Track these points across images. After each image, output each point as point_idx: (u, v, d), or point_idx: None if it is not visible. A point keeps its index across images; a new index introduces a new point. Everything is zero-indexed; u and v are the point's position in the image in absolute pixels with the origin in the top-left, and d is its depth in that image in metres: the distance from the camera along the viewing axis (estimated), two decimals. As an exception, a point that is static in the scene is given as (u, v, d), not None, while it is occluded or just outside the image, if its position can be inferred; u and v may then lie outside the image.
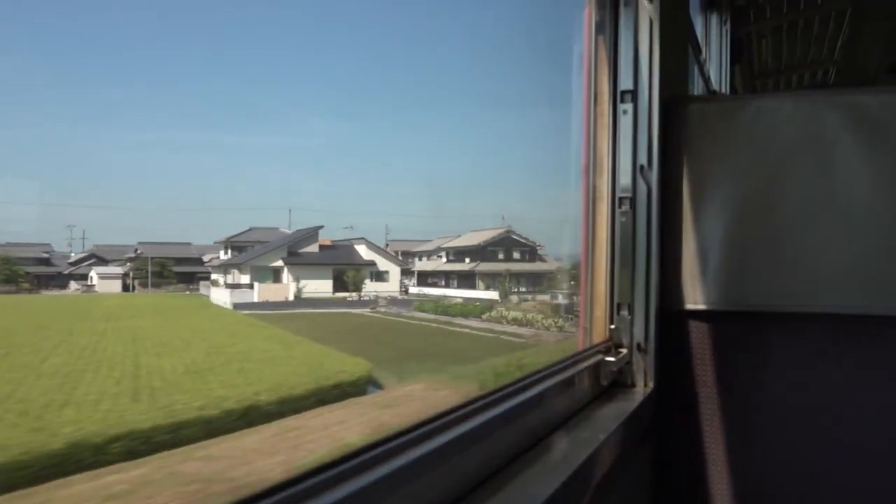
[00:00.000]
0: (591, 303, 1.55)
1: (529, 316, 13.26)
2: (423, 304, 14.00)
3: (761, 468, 1.49)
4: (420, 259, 20.61)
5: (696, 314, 1.53)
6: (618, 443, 1.18)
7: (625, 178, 1.52)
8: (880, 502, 1.42)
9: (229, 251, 12.42)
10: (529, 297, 17.91)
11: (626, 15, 1.52)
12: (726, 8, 4.01)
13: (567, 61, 1.70)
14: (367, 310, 12.49)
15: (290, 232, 13.20)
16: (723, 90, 3.92)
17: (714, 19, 3.94)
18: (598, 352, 1.44)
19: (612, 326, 1.51)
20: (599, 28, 1.55)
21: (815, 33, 4.76)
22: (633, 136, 1.51)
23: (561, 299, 15.73)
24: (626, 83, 1.52)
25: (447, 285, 19.79)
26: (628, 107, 1.51)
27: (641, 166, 1.50)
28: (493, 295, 17.80)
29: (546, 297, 17.21)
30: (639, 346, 1.50)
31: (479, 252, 20.64)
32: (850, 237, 1.42)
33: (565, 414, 1.21)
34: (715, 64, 3.91)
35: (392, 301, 13.65)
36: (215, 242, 12.87)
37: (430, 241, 21.27)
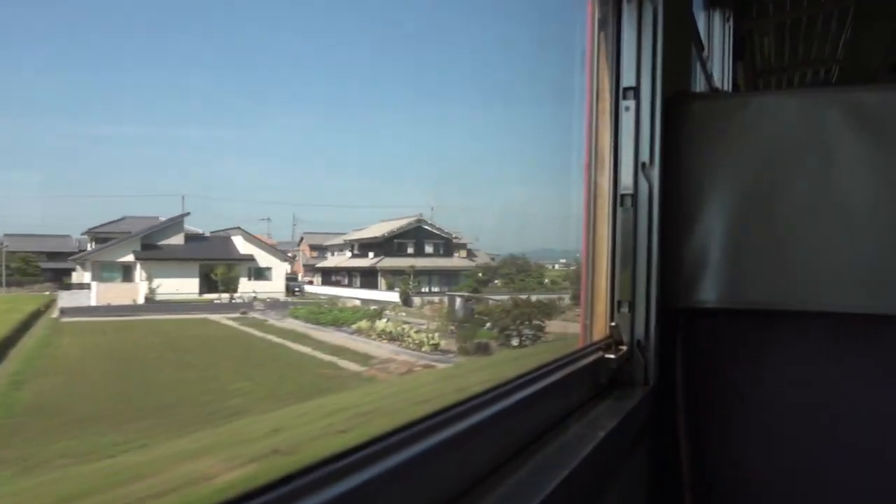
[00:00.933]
0: (591, 299, 1.55)
1: (402, 329, 10.92)
2: (297, 309, 11.60)
3: (761, 466, 1.49)
4: (333, 254, 17.55)
5: (696, 312, 1.53)
6: (617, 440, 1.18)
7: (626, 176, 1.52)
8: (878, 501, 1.42)
9: (94, 243, 10.15)
10: (437, 299, 14.99)
11: (628, 11, 1.51)
12: (729, 5, 4.00)
13: (570, 58, 1.70)
14: (236, 315, 10.06)
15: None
16: (725, 87, 3.91)
17: (717, 16, 3.93)
18: (599, 349, 1.44)
19: (613, 323, 1.51)
20: (602, 24, 1.54)
21: (818, 31, 4.75)
22: (635, 134, 1.51)
23: (459, 304, 13.25)
24: (628, 80, 1.51)
25: (350, 284, 16.58)
26: (630, 104, 1.51)
27: (643, 163, 1.50)
28: (395, 296, 14.86)
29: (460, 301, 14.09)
30: (639, 343, 1.50)
31: (384, 245, 16.93)
32: (852, 235, 1.41)
33: (565, 411, 1.21)
34: (717, 61, 3.90)
35: (272, 304, 11.31)
36: (81, 234, 10.38)
37: (343, 233, 17.62)
